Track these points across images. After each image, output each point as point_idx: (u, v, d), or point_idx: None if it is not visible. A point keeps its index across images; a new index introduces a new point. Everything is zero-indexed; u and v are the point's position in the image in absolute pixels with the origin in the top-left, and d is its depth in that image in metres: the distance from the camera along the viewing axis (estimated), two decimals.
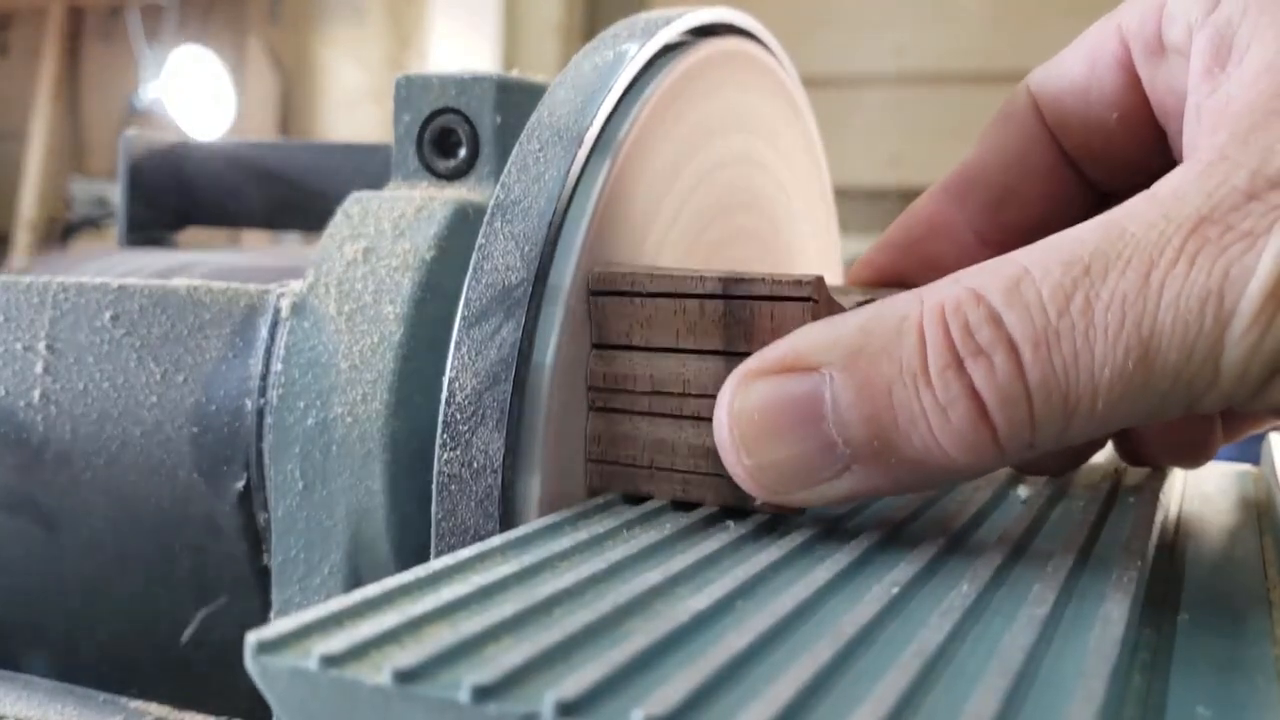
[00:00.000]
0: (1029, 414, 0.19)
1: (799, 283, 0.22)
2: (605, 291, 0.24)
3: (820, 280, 0.22)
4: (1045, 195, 0.28)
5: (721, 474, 0.23)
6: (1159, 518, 0.25)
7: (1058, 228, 0.29)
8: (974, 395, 0.19)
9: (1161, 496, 0.27)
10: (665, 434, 0.24)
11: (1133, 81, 0.25)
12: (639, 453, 0.24)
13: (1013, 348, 0.18)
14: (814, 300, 0.22)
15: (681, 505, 0.24)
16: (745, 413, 0.20)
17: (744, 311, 0.23)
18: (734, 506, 0.23)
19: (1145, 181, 0.27)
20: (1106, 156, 0.27)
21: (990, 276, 0.19)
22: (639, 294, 0.24)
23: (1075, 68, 0.26)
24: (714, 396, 0.23)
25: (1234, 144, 0.19)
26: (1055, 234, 0.20)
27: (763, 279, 0.23)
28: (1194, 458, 0.29)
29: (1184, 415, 0.19)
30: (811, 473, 0.20)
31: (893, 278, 0.30)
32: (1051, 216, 0.29)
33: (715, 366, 0.23)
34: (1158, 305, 0.18)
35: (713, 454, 0.23)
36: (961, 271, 0.20)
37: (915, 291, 0.20)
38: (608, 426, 0.24)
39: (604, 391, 0.24)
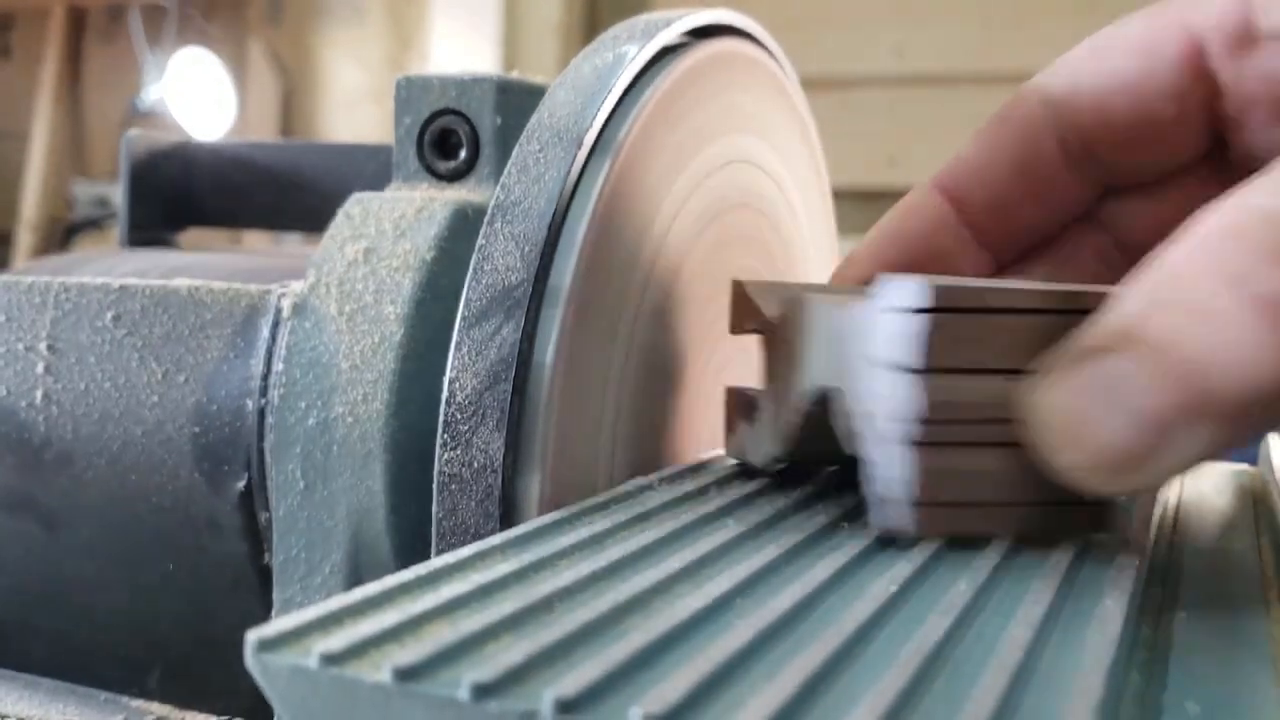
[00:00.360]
0: None
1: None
2: (945, 308, 0.21)
3: None
4: (1044, 199, 0.28)
5: (1048, 501, 0.22)
6: (1157, 516, 0.25)
7: (1055, 229, 0.29)
8: (1263, 304, 0.18)
9: (1160, 495, 0.27)
10: (995, 464, 0.21)
11: (1198, 77, 0.26)
12: (968, 488, 0.22)
13: None
14: None
15: (684, 500, 0.24)
16: (1055, 407, 0.19)
17: (1079, 326, 0.20)
18: (1096, 530, 0.22)
19: (1167, 176, 0.28)
20: (1148, 152, 0.27)
21: (1250, 193, 0.18)
22: (980, 310, 0.21)
23: (1123, 66, 0.26)
24: None
25: None
26: None
27: (1099, 291, 0.21)
28: None
29: None
30: (1136, 451, 0.19)
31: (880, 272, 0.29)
32: (1048, 219, 0.29)
33: None
34: None
35: (1037, 480, 0.21)
36: (1217, 201, 0.19)
37: (1175, 239, 0.19)
38: (933, 461, 0.21)
39: (933, 424, 0.21)
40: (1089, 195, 0.29)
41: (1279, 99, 0.25)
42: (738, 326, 0.27)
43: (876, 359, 0.22)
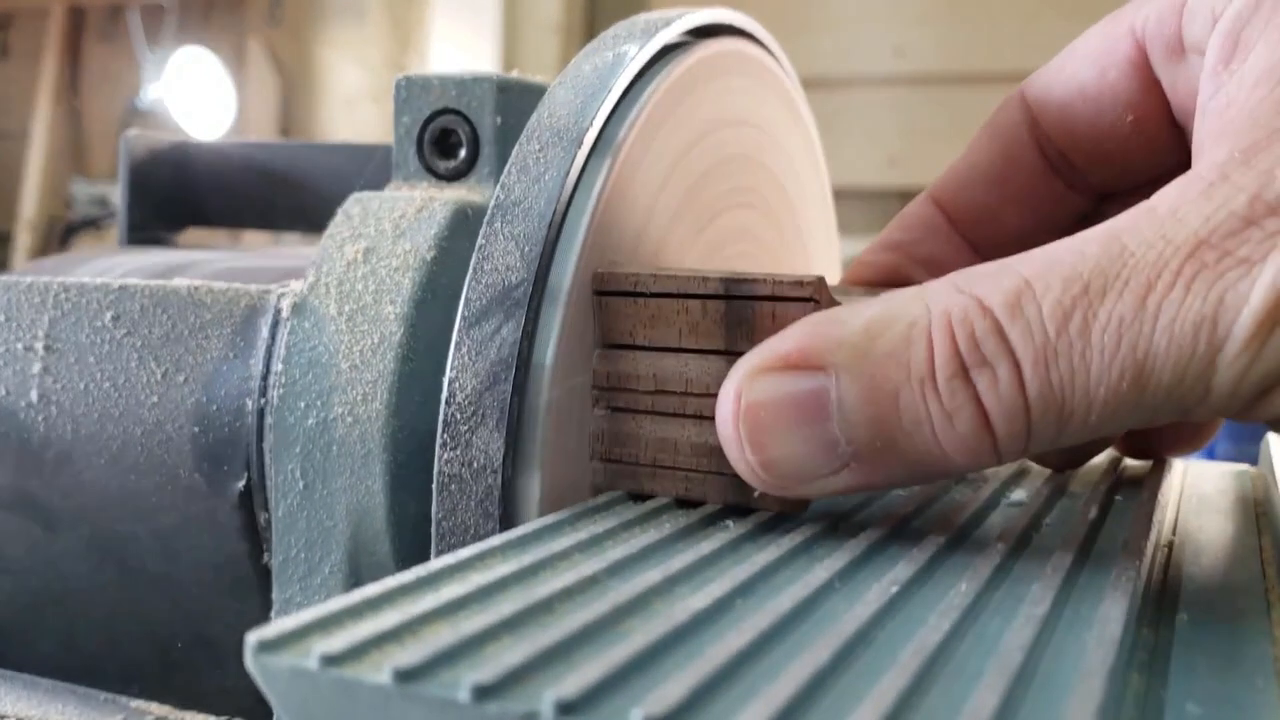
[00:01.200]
0: (1026, 424, 0.19)
1: (800, 283, 0.22)
2: (609, 291, 0.25)
3: (821, 280, 0.23)
4: (1031, 207, 0.28)
5: (724, 472, 0.23)
6: (1158, 517, 0.25)
7: (1044, 236, 0.29)
8: (978, 404, 0.19)
9: (1160, 496, 0.27)
10: (668, 432, 0.24)
11: (1148, 83, 0.25)
12: (642, 451, 0.24)
13: (1015, 362, 0.19)
14: (815, 300, 0.22)
15: (684, 503, 0.24)
16: (752, 408, 0.20)
17: (746, 311, 0.23)
18: (736, 504, 0.24)
19: (1152, 183, 0.27)
20: (1119, 160, 0.27)
21: (994, 287, 0.19)
22: (642, 294, 0.24)
23: (1083, 72, 0.26)
24: (716, 395, 0.23)
25: (1234, 164, 0.19)
26: (1058, 242, 0.20)
27: (764, 279, 0.23)
28: (1192, 444, 0.30)
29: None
30: (814, 468, 0.20)
31: (890, 278, 0.30)
32: (1037, 226, 0.29)
33: (717, 366, 0.23)
34: (1153, 329, 0.18)
35: (714, 452, 0.23)
36: (963, 273, 0.20)
37: (918, 292, 0.20)
38: (611, 425, 0.25)
39: (608, 390, 0.25)
40: (1082, 201, 0.28)
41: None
42: None
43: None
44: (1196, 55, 0.23)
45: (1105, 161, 0.27)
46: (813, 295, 0.22)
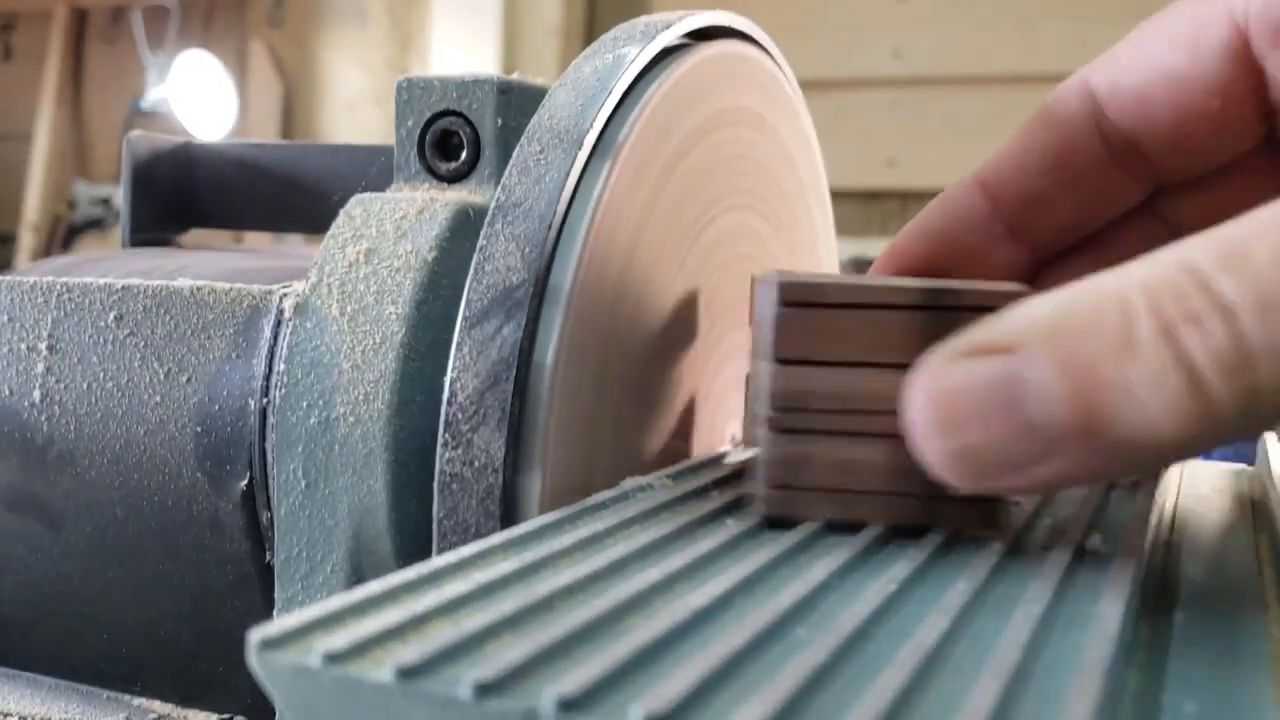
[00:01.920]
0: (1253, 382, 0.17)
1: (1010, 294, 0.21)
2: (795, 303, 0.22)
3: (1028, 290, 0.21)
4: (1086, 198, 0.28)
5: (912, 492, 0.22)
6: (1155, 516, 0.25)
7: (1093, 227, 0.29)
8: (1188, 363, 0.17)
9: (1157, 495, 0.27)
10: (852, 454, 0.22)
11: (1243, 68, 0.25)
12: (823, 475, 0.23)
13: (1230, 312, 0.17)
14: None
15: (684, 502, 0.24)
16: (941, 394, 0.19)
17: (952, 321, 0.21)
18: (926, 525, 0.22)
19: (1218, 172, 0.27)
20: (1196, 146, 0.26)
21: (1200, 245, 0.18)
22: (833, 304, 0.22)
23: (1169, 57, 0.26)
24: None
25: None
26: (1262, 206, 0.18)
27: (971, 289, 0.22)
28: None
29: None
30: (1013, 456, 0.19)
31: (922, 265, 0.29)
32: (1090, 217, 0.28)
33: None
34: None
35: (904, 471, 0.22)
36: (1162, 249, 0.19)
37: (1116, 269, 0.19)
38: (788, 448, 0.23)
39: (784, 411, 0.23)
40: (1137, 191, 0.28)
41: None
42: (749, 319, 0.27)
43: (758, 351, 0.24)
44: None
45: (1180, 147, 0.27)
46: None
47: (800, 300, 0.22)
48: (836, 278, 0.23)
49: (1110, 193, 0.28)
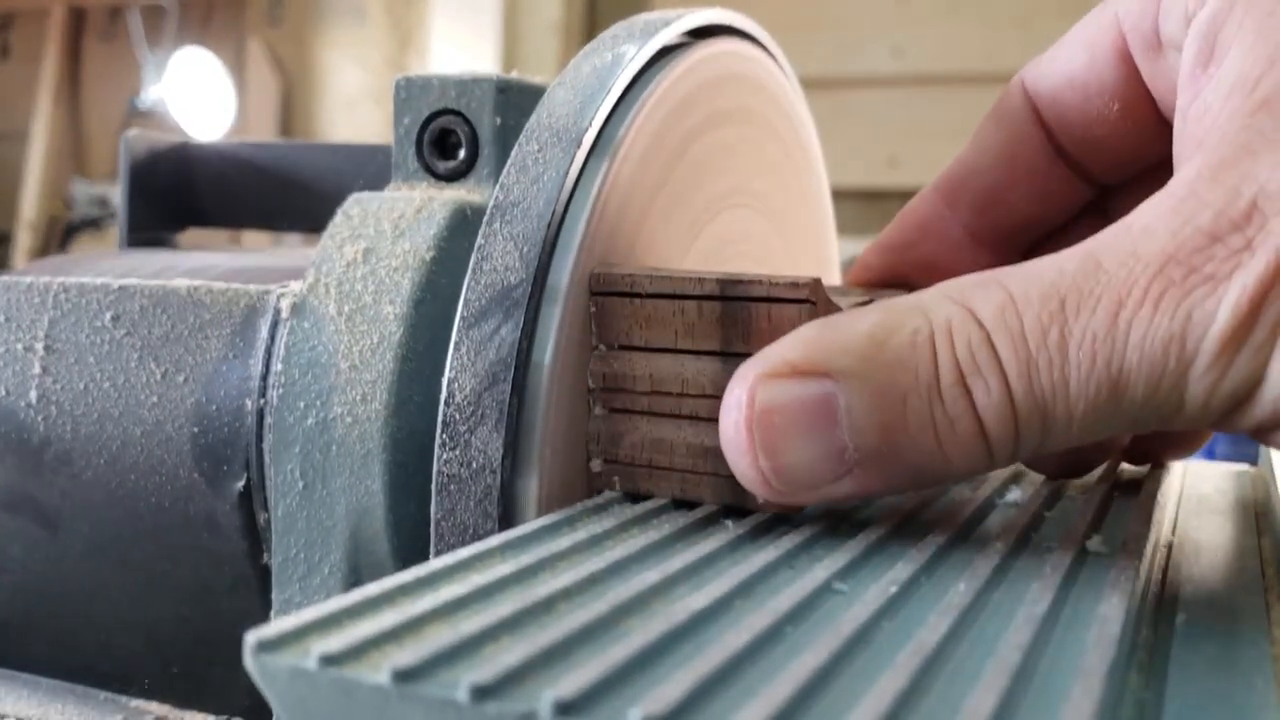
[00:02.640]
0: (1015, 431, 0.20)
1: (796, 284, 0.22)
2: (605, 292, 0.25)
3: (817, 282, 0.23)
4: (1037, 193, 0.28)
5: (720, 473, 0.23)
6: (1157, 517, 0.25)
7: (1049, 225, 0.29)
8: (974, 411, 0.20)
9: (1159, 496, 0.27)
10: (664, 433, 0.24)
11: (1133, 73, 0.25)
12: (639, 451, 0.24)
13: (1003, 373, 0.19)
14: (811, 302, 0.22)
15: (682, 504, 0.24)
16: (765, 414, 0.20)
17: (742, 312, 0.23)
18: (732, 505, 0.24)
19: (1149, 173, 0.27)
20: (1110, 149, 0.27)
21: (984, 299, 0.20)
22: (638, 294, 0.24)
23: (1073, 61, 0.26)
24: (712, 396, 0.23)
25: (1203, 180, 0.19)
26: (1042, 258, 0.20)
27: (760, 280, 0.23)
28: (1188, 449, 0.30)
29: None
30: (820, 475, 0.20)
31: (890, 279, 0.30)
32: (1044, 214, 0.28)
33: (713, 367, 0.23)
34: (1125, 345, 0.19)
35: (711, 453, 0.23)
36: (954, 284, 0.20)
37: (915, 300, 0.20)
38: (609, 425, 0.25)
39: (605, 391, 0.25)
40: (1086, 188, 0.28)
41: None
42: None
43: None
44: (1174, 51, 0.23)
45: (1097, 150, 0.27)
46: (809, 297, 0.22)
47: (610, 290, 0.24)
48: (645, 269, 0.25)
49: (1061, 188, 0.28)
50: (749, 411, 0.20)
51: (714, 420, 0.22)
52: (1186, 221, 0.19)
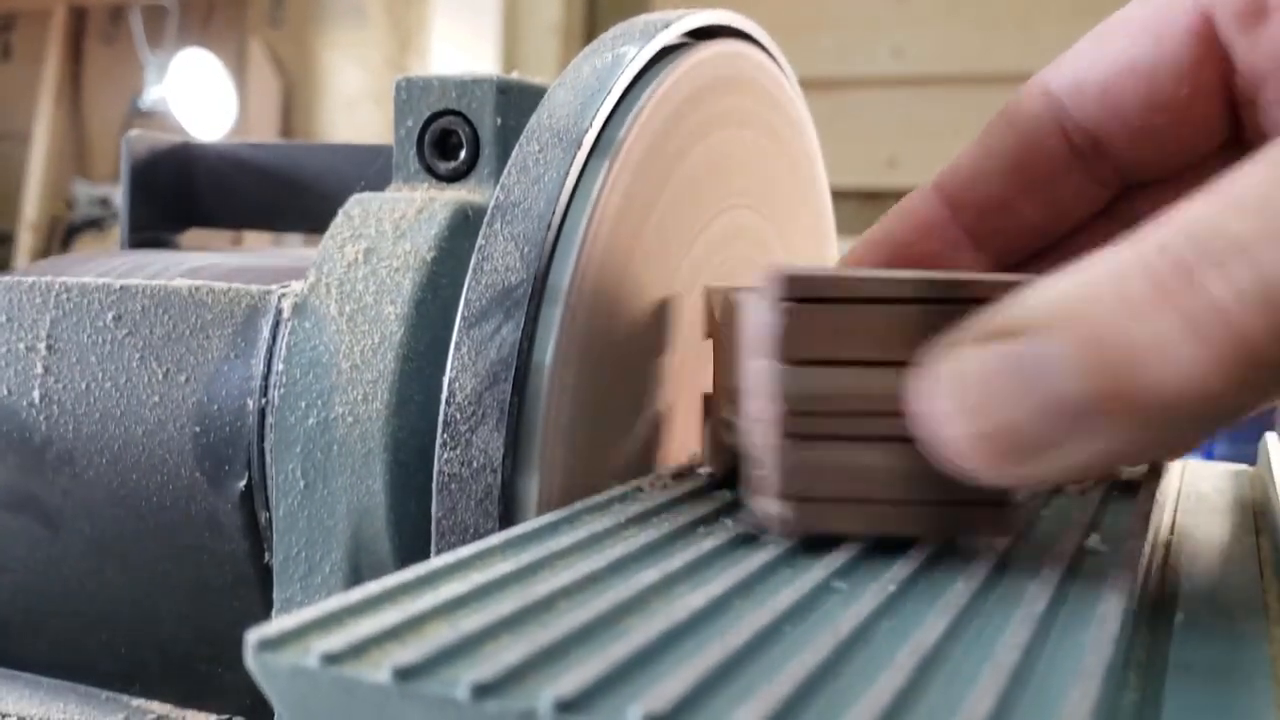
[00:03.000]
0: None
1: (1017, 283, 0.20)
2: (801, 298, 0.21)
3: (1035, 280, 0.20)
4: (1051, 199, 0.27)
5: (928, 500, 0.21)
6: (1155, 517, 0.25)
7: (1056, 233, 0.29)
8: (1218, 306, 0.16)
9: (1158, 496, 0.27)
10: (871, 459, 0.21)
11: (1210, 53, 0.25)
12: (834, 483, 0.21)
13: (1248, 250, 0.16)
14: None
15: (685, 501, 0.24)
16: (959, 378, 0.18)
17: (961, 315, 0.20)
18: (943, 536, 0.21)
19: (1193, 169, 0.26)
20: (1166, 137, 0.26)
21: (1198, 203, 0.17)
22: (840, 299, 0.21)
23: (1134, 46, 0.25)
24: None
25: None
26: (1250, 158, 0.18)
27: (981, 280, 0.21)
28: (1184, 450, 0.29)
29: None
30: (1039, 435, 0.18)
31: None
32: (1053, 218, 0.28)
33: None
34: None
35: (922, 477, 0.21)
36: (1156, 219, 0.18)
37: (1123, 241, 0.18)
38: (797, 456, 0.21)
39: (798, 415, 0.21)
40: (1102, 193, 0.28)
41: None
42: (706, 332, 0.27)
43: (753, 352, 0.22)
44: None
45: (1149, 142, 0.26)
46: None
47: (808, 295, 0.21)
48: (843, 271, 0.22)
49: (1074, 196, 0.27)
50: (945, 379, 0.18)
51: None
52: None
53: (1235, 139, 0.26)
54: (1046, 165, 0.27)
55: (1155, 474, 0.29)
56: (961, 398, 0.18)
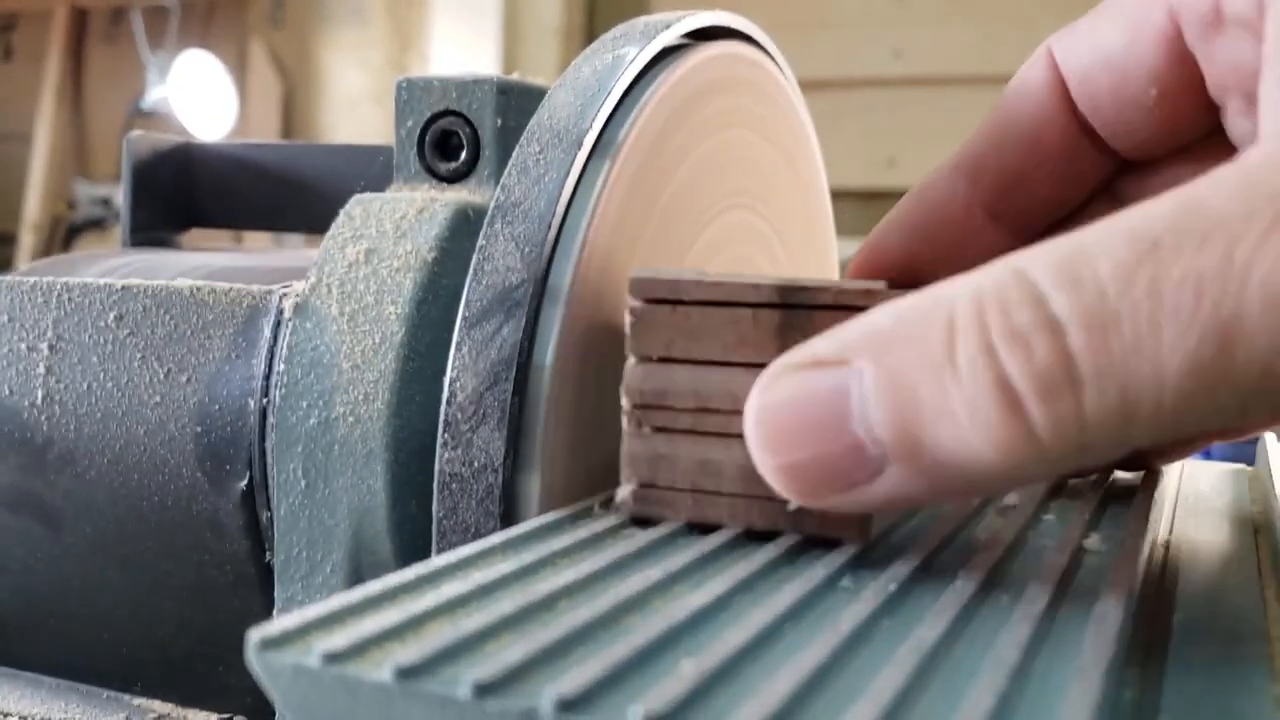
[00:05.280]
0: (1077, 409, 0.16)
1: (868, 291, 0.21)
2: (646, 299, 0.22)
3: (887, 288, 0.21)
4: (1061, 172, 0.27)
5: (774, 496, 0.21)
6: (1154, 517, 0.25)
7: (1068, 205, 0.28)
8: (1005, 385, 0.16)
9: (1156, 496, 0.27)
10: (713, 454, 0.22)
11: (1179, 56, 0.24)
12: (680, 475, 0.22)
13: (1057, 331, 0.16)
14: None
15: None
16: (770, 409, 0.18)
17: (805, 321, 0.21)
18: (790, 531, 0.22)
19: (1181, 154, 0.26)
20: (1140, 133, 0.26)
21: (1040, 254, 0.17)
22: (685, 301, 0.22)
23: (1111, 40, 0.25)
24: None
25: None
26: (1117, 213, 0.17)
27: (826, 287, 0.21)
28: (1184, 451, 0.29)
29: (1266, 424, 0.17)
30: (841, 474, 0.18)
31: (900, 259, 0.28)
32: (1065, 194, 0.27)
33: None
34: (1242, 285, 0.15)
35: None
36: (1014, 254, 0.17)
37: (959, 277, 0.18)
38: (647, 446, 0.22)
39: (642, 408, 0.22)
40: (1109, 168, 0.27)
41: (1247, 88, 0.22)
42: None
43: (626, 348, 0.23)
44: (1238, 29, 0.22)
45: (1124, 132, 0.26)
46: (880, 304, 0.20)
47: (657, 297, 0.22)
48: (693, 274, 0.23)
49: (1084, 167, 0.27)
50: (757, 408, 0.18)
51: None
52: None
53: (1221, 128, 0.25)
54: (1055, 135, 0.26)
55: (1153, 479, 0.29)
56: (769, 430, 0.18)
